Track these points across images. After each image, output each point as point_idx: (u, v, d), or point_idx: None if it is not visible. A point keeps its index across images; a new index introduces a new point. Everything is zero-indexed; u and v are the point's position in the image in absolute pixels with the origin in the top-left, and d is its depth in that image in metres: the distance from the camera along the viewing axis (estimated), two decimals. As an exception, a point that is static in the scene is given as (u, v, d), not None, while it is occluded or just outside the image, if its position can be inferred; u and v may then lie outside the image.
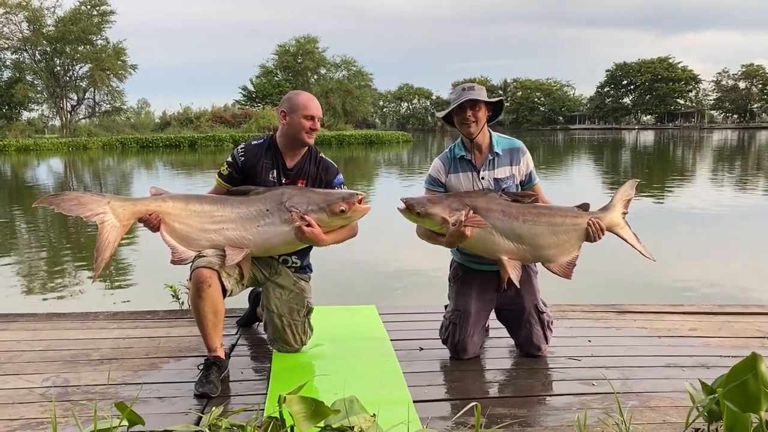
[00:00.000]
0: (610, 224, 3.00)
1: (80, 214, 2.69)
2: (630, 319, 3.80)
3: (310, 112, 3.02)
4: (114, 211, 2.72)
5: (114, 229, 2.71)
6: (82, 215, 2.69)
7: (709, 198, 12.91)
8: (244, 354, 3.25)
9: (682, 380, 2.74)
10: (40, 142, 39.96)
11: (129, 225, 2.77)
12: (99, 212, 2.70)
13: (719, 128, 79.71)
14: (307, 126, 3.02)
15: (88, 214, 2.70)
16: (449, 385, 2.87)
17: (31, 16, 48.45)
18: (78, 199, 2.71)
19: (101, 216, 2.70)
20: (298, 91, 3.16)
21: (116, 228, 2.71)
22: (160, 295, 4.45)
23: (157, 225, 2.78)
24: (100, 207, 2.71)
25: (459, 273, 3.22)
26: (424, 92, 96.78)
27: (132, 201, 2.80)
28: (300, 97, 3.07)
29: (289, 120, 3.04)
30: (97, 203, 2.72)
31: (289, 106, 3.04)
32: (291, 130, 3.06)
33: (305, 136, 3.04)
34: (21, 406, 2.55)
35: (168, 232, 2.82)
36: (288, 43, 67.09)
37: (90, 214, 2.70)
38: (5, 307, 5.37)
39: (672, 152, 33.55)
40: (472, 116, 3.01)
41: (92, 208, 2.71)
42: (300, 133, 3.04)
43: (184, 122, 46.97)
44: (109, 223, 2.70)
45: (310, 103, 3.04)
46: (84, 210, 2.70)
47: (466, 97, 2.97)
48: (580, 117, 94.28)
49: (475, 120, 3.01)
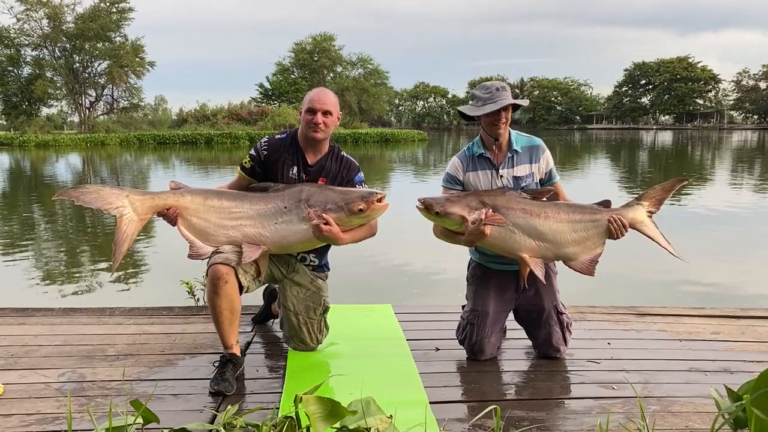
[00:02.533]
0: (633, 221, 2.93)
1: (99, 206, 2.69)
2: (650, 321, 3.74)
3: (310, 105, 2.99)
4: (132, 205, 2.72)
5: (132, 223, 2.70)
6: (102, 208, 2.69)
7: (730, 199, 12.72)
8: (259, 352, 3.24)
9: (705, 385, 2.69)
10: (59, 137, 40.47)
11: (147, 219, 2.76)
12: (118, 205, 2.70)
13: (739, 129, 78.76)
14: (308, 119, 2.99)
15: (107, 207, 2.69)
16: (466, 387, 2.83)
17: (51, 12, 49.06)
18: (98, 193, 2.71)
19: (120, 209, 2.70)
20: (313, 88, 3.15)
21: (134, 222, 2.71)
22: (176, 291, 4.46)
23: (175, 219, 2.77)
24: (119, 200, 2.71)
25: (477, 273, 3.18)
26: (440, 90, 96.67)
27: (150, 195, 2.79)
28: (309, 93, 3.07)
29: (302, 117, 3.04)
30: (117, 197, 2.72)
31: (303, 103, 3.05)
32: (301, 127, 3.05)
33: (309, 131, 3.01)
34: (37, 401, 2.55)
35: (186, 226, 2.80)
36: (304, 41, 67.45)
37: (109, 207, 2.70)
38: (23, 301, 5.42)
39: (691, 153, 33.17)
40: (504, 117, 2.97)
41: (111, 201, 2.70)
42: (305, 128, 3.02)
43: (201, 119, 47.26)
44: (127, 217, 2.70)
45: (313, 96, 3.02)
46: (103, 203, 2.70)
47: (503, 99, 2.92)
48: (597, 116, 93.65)
49: (506, 121, 2.99)
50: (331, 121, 3.02)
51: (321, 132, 3.00)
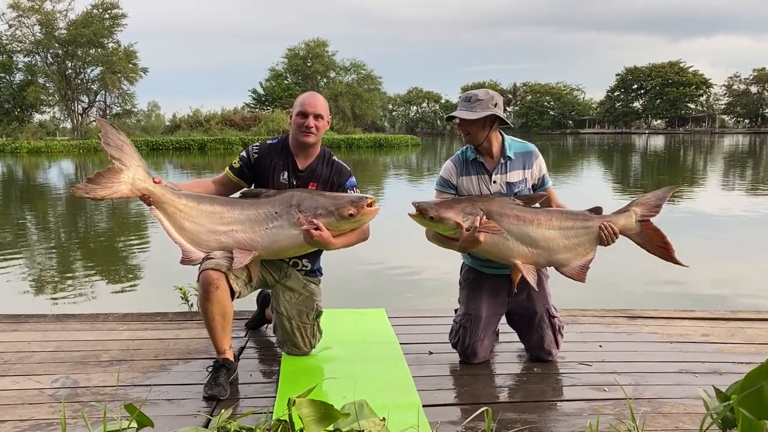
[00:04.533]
0: (623, 228, 2.96)
1: (113, 154, 2.69)
2: (641, 324, 3.77)
3: (301, 108, 3.00)
4: (135, 174, 2.73)
5: (123, 185, 2.70)
6: (113, 156, 2.69)
7: (721, 203, 12.81)
8: (253, 357, 3.25)
9: (695, 386, 2.71)
10: (51, 144, 40.31)
11: (135, 194, 2.75)
12: (125, 163, 2.71)
13: (730, 133, 79.22)
14: (299, 123, 3.00)
15: (116, 158, 2.70)
16: (459, 390, 2.85)
17: (44, 19, 48.90)
18: (123, 145, 2.73)
19: (123, 167, 2.70)
20: (305, 92, 3.15)
21: (126, 185, 2.71)
22: (170, 297, 4.46)
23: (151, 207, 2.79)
24: (130, 161, 2.72)
25: (470, 276, 3.20)
26: (434, 96, 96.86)
27: (152, 182, 2.78)
28: (300, 97, 3.08)
29: (292, 121, 3.06)
30: (131, 158, 2.73)
31: (294, 107, 3.06)
32: (292, 131, 3.07)
33: (300, 135, 3.02)
34: (31, 407, 2.56)
35: (178, 230, 2.81)
36: (298, 46, 67.48)
37: (119, 160, 2.70)
38: (15, 307, 5.40)
39: (683, 157, 33.35)
40: (466, 130, 3.02)
41: (124, 158, 2.71)
42: (296, 132, 3.03)
43: (194, 125, 47.14)
44: (123, 176, 2.70)
45: (304, 100, 3.03)
46: (118, 153, 2.70)
47: (457, 113, 2.98)
48: (589, 121, 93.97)
49: (468, 133, 3.02)
50: (322, 124, 3.04)
51: (312, 135, 3.02)
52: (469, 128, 3.00)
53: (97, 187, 2.67)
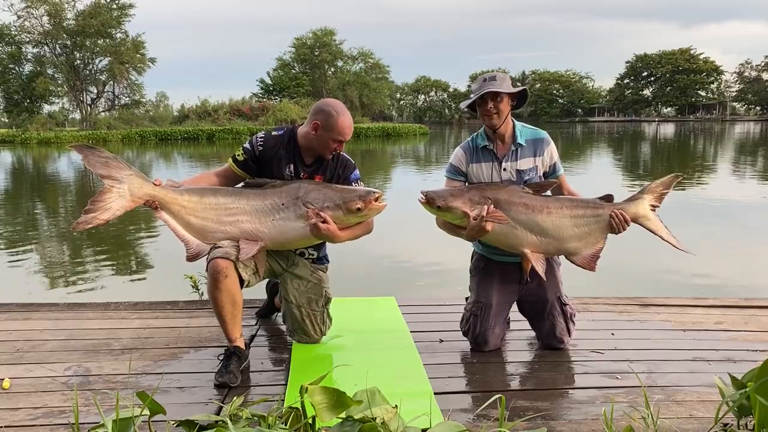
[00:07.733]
0: (635, 216, 2.93)
1: (101, 173, 2.70)
2: (654, 312, 3.74)
3: (342, 137, 2.97)
4: (130, 184, 2.72)
5: (121, 199, 2.70)
6: (102, 174, 2.69)
7: (733, 190, 12.71)
8: (263, 345, 3.25)
9: (709, 374, 2.70)
10: (60, 134, 40.49)
11: (138, 203, 2.76)
12: (116, 178, 2.71)
13: (741, 120, 78.49)
14: (333, 147, 2.99)
15: (105, 176, 2.70)
16: (470, 378, 2.84)
17: (52, 9, 48.86)
18: (107, 161, 2.72)
19: (115, 183, 2.70)
20: (339, 111, 2.96)
21: (125, 198, 2.71)
22: (180, 285, 4.46)
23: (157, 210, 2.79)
24: (120, 174, 2.72)
25: (480, 264, 3.18)
26: (442, 84, 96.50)
27: (151, 185, 2.78)
28: (339, 122, 2.93)
29: (320, 134, 2.96)
30: (119, 170, 2.72)
31: (326, 123, 2.94)
32: (317, 144, 3.00)
33: (326, 153, 3.02)
34: (44, 395, 2.57)
35: (183, 226, 2.81)
36: (305, 36, 67.23)
37: (108, 177, 2.70)
38: (27, 296, 5.44)
39: (693, 144, 33.09)
40: (494, 107, 2.94)
41: (113, 173, 2.71)
42: (324, 150, 3.01)
43: (202, 115, 47.20)
44: (118, 191, 2.70)
45: (345, 130, 2.96)
46: (106, 171, 2.70)
47: (487, 88, 2.91)
48: (599, 109, 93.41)
49: (496, 112, 2.95)
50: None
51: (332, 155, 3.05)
52: (501, 105, 2.95)
53: (97, 213, 2.67)
